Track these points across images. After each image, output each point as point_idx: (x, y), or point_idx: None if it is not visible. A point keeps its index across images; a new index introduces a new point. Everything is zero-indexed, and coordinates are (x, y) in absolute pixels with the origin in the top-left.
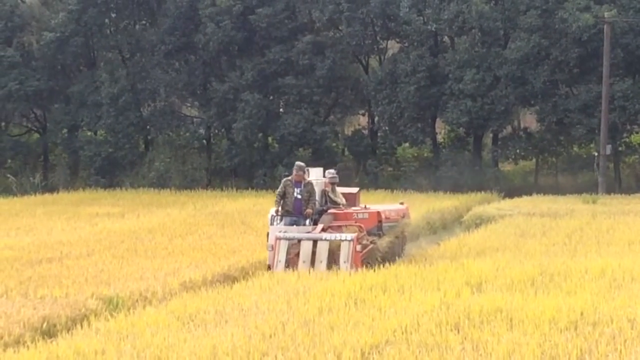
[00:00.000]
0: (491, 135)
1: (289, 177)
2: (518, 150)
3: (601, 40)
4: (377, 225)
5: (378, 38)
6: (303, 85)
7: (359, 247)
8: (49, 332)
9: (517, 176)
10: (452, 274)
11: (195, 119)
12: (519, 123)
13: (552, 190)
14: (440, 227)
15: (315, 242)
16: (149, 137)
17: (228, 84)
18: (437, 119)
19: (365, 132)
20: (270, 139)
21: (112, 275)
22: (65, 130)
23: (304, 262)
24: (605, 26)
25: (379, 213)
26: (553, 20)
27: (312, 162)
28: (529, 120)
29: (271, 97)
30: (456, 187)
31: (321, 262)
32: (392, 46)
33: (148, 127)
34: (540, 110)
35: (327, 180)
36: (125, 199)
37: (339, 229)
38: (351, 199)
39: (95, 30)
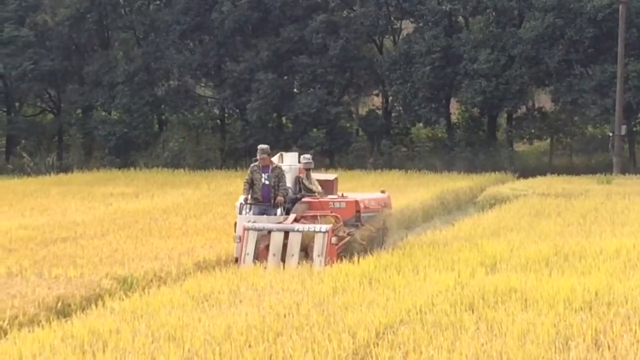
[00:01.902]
0: (505, 115)
1: (256, 163)
2: (532, 131)
3: (616, 20)
4: (355, 216)
5: (392, 18)
6: (317, 65)
7: (334, 240)
8: (63, 312)
9: (532, 156)
10: (467, 254)
11: (209, 99)
12: (533, 103)
13: (566, 171)
14: (455, 208)
15: (286, 233)
16: (163, 117)
17: (243, 64)
18: (452, 99)
19: (379, 112)
20: (284, 119)
21: (126, 255)
22: (79, 111)
23: (274, 255)
24: (620, 6)
25: (357, 202)
26: (568, 0)
27: (326, 143)
28: (543, 100)
29: (285, 77)
30: (470, 168)
31: (293, 255)
32: (407, 26)
33: (162, 106)
34: (554, 90)
35: (301, 165)
36: (139, 179)
37: (313, 219)
38: (328, 187)
39: (109, 9)
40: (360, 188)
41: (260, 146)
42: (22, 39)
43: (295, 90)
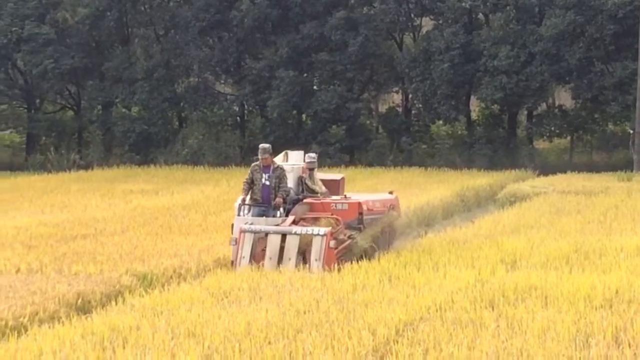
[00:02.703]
0: (526, 112)
1: (257, 162)
2: (553, 128)
3: (637, 17)
4: (358, 218)
5: (412, 15)
6: (337, 62)
7: (332, 243)
8: (83, 308)
9: (552, 154)
10: (487, 252)
11: (229, 96)
12: (553, 100)
13: (586, 168)
14: (475, 205)
15: (284, 236)
16: (183, 114)
17: (263, 61)
18: (472, 97)
19: (399, 109)
20: (304, 116)
21: (146, 252)
22: (99, 107)
23: (270, 259)
24: None
25: (359, 204)
26: None
27: (346, 139)
28: (563, 97)
29: (305, 75)
30: (490, 165)
31: (290, 259)
32: (427, 23)
33: (182, 103)
34: (575, 87)
35: (304, 165)
36: (159, 176)
37: (313, 221)
38: (334, 187)
39: (129, 6)
40: (380, 185)
41: (262, 145)
42: (43, 37)
43: (315, 87)
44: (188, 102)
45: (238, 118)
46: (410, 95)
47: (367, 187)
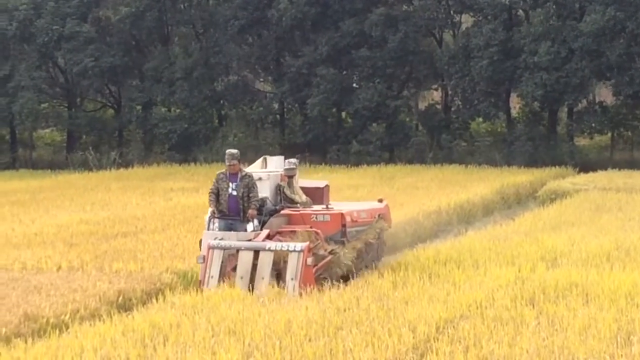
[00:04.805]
0: (566, 109)
1: (223, 170)
2: (593, 125)
3: None
4: (341, 230)
5: (451, 12)
6: (376, 58)
7: (310, 260)
8: (124, 306)
9: (593, 151)
10: (527, 249)
11: (268, 94)
12: (594, 97)
13: (627, 165)
14: (515, 202)
15: (257, 252)
16: (223, 112)
17: (302, 59)
18: (512, 93)
19: (439, 106)
20: (343, 113)
21: (186, 250)
22: (139, 108)
23: (241, 278)
24: None
25: (342, 215)
26: None
27: (386, 137)
28: (604, 94)
29: (344, 72)
30: (531, 162)
31: (263, 278)
32: (466, 20)
33: (222, 101)
34: (616, 83)
35: (282, 172)
36: (199, 174)
37: (290, 235)
38: (317, 195)
39: (169, 5)
40: (419, 182)
41: (229, 150)
42: (84, 35)
43: (354, 85)
44: (228, 100)
45: (277, 116)
46: (449, 92)
47: (407, 185)
